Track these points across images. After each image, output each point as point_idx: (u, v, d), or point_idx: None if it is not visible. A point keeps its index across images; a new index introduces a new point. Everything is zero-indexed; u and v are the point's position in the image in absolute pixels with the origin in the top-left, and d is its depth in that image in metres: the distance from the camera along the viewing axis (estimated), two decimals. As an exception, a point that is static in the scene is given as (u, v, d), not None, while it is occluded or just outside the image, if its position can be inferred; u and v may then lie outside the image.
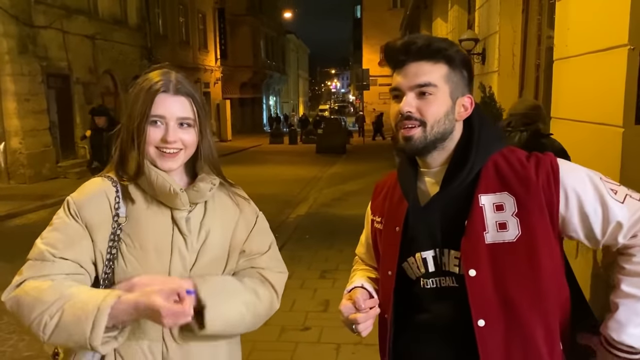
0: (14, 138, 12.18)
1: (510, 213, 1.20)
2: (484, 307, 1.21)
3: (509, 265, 1.20)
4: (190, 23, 25.09)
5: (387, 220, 1.40)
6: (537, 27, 5.38)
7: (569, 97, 3.62)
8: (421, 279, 1.31)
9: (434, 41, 1.25)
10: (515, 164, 1.24)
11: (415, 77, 1.24)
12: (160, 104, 1.34)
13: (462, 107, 1.28)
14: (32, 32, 12.62)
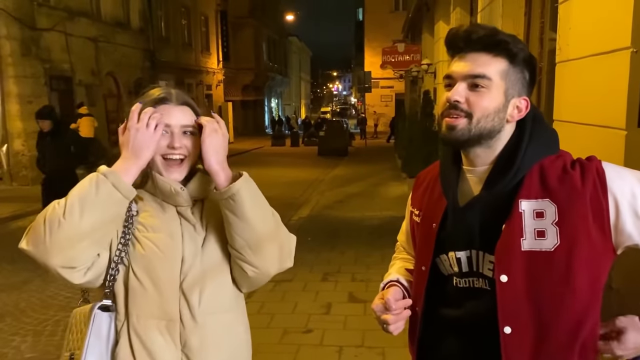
0: (17, 140, 12.21)
1: (550, 221, 1.16)
2: (512, 314, 1.18)
3: (544, 275, 1.16)
4: (193, 25, 25.14)
5: (425, 215, 1.38)
6: (540, 30, 5.37)
7: (571, 100, 3.61)
8: (454, 277, 1.30)
9: (498, 33, 1.20)
10: (560, 170, 1.20)
11: (471, 66, 1.19)
12: (165, 113, 1.40)
13: (515, 109, 1.22)
14: (35, 34, 12.67)
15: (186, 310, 1.39)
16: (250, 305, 4.77)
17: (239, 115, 32.67)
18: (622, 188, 1.16)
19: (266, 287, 5.28)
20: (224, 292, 1.46)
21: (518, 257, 1.17)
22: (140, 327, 1.36)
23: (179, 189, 1.41)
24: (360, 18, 45.14)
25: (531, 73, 1.24)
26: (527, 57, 1.22)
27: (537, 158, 1.21)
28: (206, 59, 26.89)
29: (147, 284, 1.36)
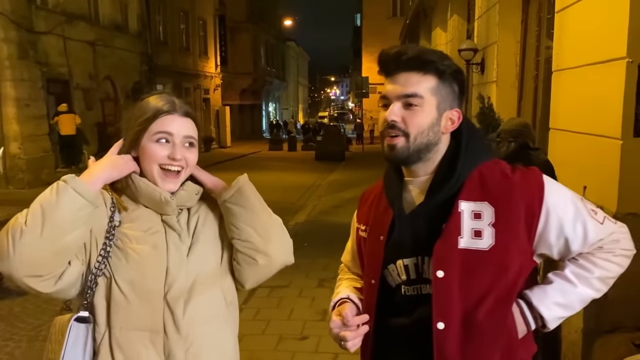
0: (13, 143, 12.18)
1: (487, 222, 1.22)
2: (446, 310, 1.23)
3: (479, 273, 1.22)
4: (191, 30, 25.16)
5: (372, 229, 1.42)
6: (536, 38, 5.40)
7: (567, 109, 3.63)
8: (402, 286, 1.32)
9: (425, 53, 1.26)
10: (500, 175, 1.27)
11: (403, 87, 1.26)
12: (168, 122, 1.40)
13: (449, 121, 1.29)
14: (32, 37, 12.65)
15: (170, 321, 1.36)
16: (246, 311, 4.75)
17: (237, 120, 32.68)
18: (557, 203, 1.24)
19: (262, 293, 5.26)
20: (211, 302, 1.44)
21: (455, 255, 1.22)
22: (123, 339, 1.33)
23: (169, 198, 1.39)
24: (358, 24, 45.27)
25: (460, 86, 1.31)
26: (454, 72, 1.28)
27: (476, 164, 1.28)
28: (204, 63, 26.91)
29: (131, 295, 1.34)
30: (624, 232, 1.34)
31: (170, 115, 1.40)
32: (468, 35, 8.96)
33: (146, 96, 1.46)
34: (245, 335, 4.23)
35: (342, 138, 23.09)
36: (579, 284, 1.28)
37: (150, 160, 1.38)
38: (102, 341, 1.34)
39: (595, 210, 1.29)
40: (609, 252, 1.29)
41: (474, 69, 7.31)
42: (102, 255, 1.33)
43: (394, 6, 33.68)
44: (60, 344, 1.32)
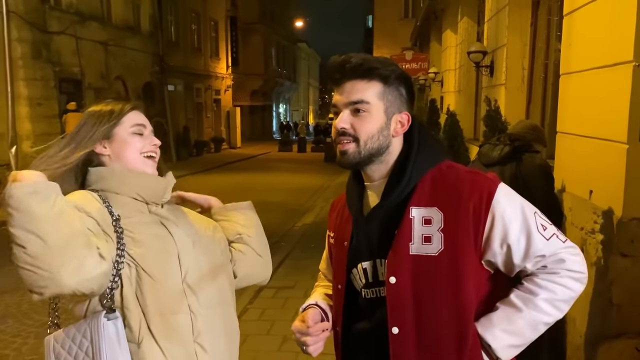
0: (26, 142, 12.30)
1: (436, 228, 1.24)
2: (400, 315, 1.25)
3: (429, 278, 1.23)
4: (203, 30, 25.29)
5: (337, 236, 1.46)
6: (545, 41, 5.37)
7: (574, 112, 3.61)
8: (362, 290, 1.35)
9: (367, 60, 1.29)
10: (451, 180, 1.28)
11: (349, 94, 1.29)
12: (137, 116, 1.53)
13: (398, 124, 1.31)
14: (45, 37, 12.79)
15: (194, 304, 1.41)
16: (251, 311, 4.77)
17: (247, 121, 32.79)
18: (504, 210, 1.24)
19: (267, 293, 5.28)
20: (220, 288, 1.51)
21: (406, 261, 1.24)
22: (161, 324, 1.35)
23: (171, 183, 1.51)
24: (369, 25, 45.23)
25: (407, 89, 1.33)
26: (399, 76, 1.30)
27: (428, 167, 1.30)
28: (215, 64, 27.04)
29: (158, 280, 1.36)
30: (572, 252, 1.30)
31: (135, 111, 1.53)
32: (478, 37, 8.93)
33: (92, 106, 1.58)
34: (250, 336, 4.24)
35: (351, 140, 23.06)
36: (524, 308, 1.25)
37: (134, 150, 1.48)
38: (141, 331, 1.33)
39: (545, 226, 1.27)
40: (553, 273, 1.26)
41: (483, 72, 7.28)
42: (120, 248, 1.34)
43: (406, 8, 33.54)
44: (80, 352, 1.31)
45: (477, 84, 8.93)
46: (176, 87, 21.22)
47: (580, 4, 3.42)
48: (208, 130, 25.25)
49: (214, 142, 24.73)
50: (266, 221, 7.52)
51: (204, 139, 23.86)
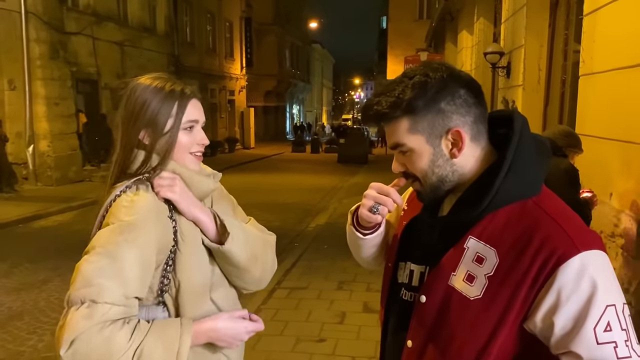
0: (43, 141, 12.46)
1: (485, 272, 1.09)
2: (417, 333, 1.19)
3: (455, 315, 1.13)
4: (217, 31, 25.43)
5: (406, 212, 1.37)
6: (564, 42, 5.30)
7: (594, 114, 3.55)
8: (403, 289, 1.28)
9: (383, 104, 1.13)
10: (527, 224, 1.08)
11: (388, 138, 1.20)
12: (193, 109, 1.38)
13: (451, 146, 1.14)
14: (63, 38, 12.94)
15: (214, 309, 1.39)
16: (264, 312, 4.77)
17: (261, 121, 32.90)
18: (566, 285, 1.02)
19: (281, 294, 5.27)
20: (230, 291, 1.48)
21: (441, 288, 1.15)
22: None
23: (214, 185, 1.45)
24: (384, 26, 45.13)
25: (450, 98, 1.12)
26: (428, 94, 1.11)
27: (510, 200, 1.11)
28: (230, 65, 27.15)
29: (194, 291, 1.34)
30: None
31: (193, 100, 1.39)
32: (495, 38, 8.85)
33: (144, 79, 1.39)
34: (263, 336, 4.23)
35: (365, 141, 23.05)
36: None
37: (184, 150, 1.37)
38: None
39: (612, 329, 1.01)
40: None
41: (499, 73, 7.20)
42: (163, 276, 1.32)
43: (420, 9, 33.40)
44: None
45: (493, 85, 8.85)
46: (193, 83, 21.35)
47: (602, 4, 3.37)
48: (222, 130, 25.37)
49: (228, 143, 24.84)
50: (280, 221, 7.64)
51: (218, 140, 23.97)
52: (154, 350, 1.19)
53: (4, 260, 6.44)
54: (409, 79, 1.14)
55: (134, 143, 1.35)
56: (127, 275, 1.20)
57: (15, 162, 11.77)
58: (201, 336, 1.30)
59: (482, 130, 1.16)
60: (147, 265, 1.25)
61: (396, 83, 1.15)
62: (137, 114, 1.34)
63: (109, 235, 1.22)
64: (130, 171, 1.35)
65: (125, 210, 1.26)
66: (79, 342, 1.12)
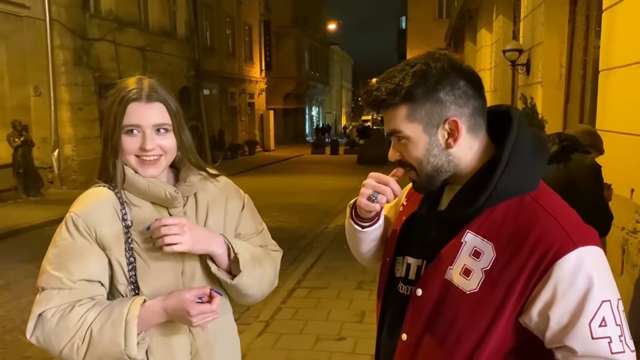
0: (67, 145, 12.73)
1: (481, 266, 1.09)
2: (413, 326, 1.19)
3: (452, 308, 1.13)
4: (237, 35, 25.63)
5: (405, 208, 1.37)
6: (584, 38, 5.23)
7: (614, 109, 3.51)
8: (400, 282, 1.28)
9: (383, 90, 1.14)
10: (524, 219, 1.08)
11: (385, 125, 1.21)
12: (135, 113, 1.34)
13: (447, 136, 1.13)
14: (86, 44, 13.21)
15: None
16: (284, 311, 4.80)
17: (280, 123, 33.04)
18: (562, 280, 1.03)
19: (300, 293, 5.31)
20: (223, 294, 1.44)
21: (438, 281, 1.15)
22: (154, 344, 1.35)
23: (174, 193, 1.37)
24: (403, 26, 44.94)
25: (449, 88, 1.11)
26: (428, 84, 1.11)
27: (509, 195, 1.10)
28: (249, 68, 27.35)
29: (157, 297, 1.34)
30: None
31: (137, 103, 1.34)
32: (514, 36, 8.76)
33: (122, 80, 1.41)
34: (283, 335, 4.27)
35: (384, 142, 22.97)
36: None
37: (126, 152, 1.36)
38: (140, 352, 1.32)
39: (607, 324, 1.02)
40: None
41: (519, 70, 7.14)
42: (130, 270, 1.33)
43: (440, 8, 33.21)
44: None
45: (513, 83, 8.77)
46: (211, 91, 21.56)
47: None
48: (242, 133, 25.56)
49: (248, 145, 25.01)
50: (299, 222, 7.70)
51: (239, 142, 24.16)
52: (104, 330, 1.26)
53: (32, 261, 6.60)
54: (410, 67, 1.14)
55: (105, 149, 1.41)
56: (70, 261, 1.30)
57: (41, 166, 12.04)
58: (150, 316, 1.29)
59: (481, 123, 1.16)
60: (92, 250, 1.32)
61: (397, 70, 1.15)
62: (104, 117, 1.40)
63: (59, 228, 1.35)
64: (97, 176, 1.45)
65: (76, 202, 1.39)
66: (37, 328, 1.28)
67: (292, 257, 6.80)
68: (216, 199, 1.49)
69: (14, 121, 11.17)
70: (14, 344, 4.33)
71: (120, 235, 1.34)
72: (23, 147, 11.15)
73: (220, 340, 1.46)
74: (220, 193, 1.51)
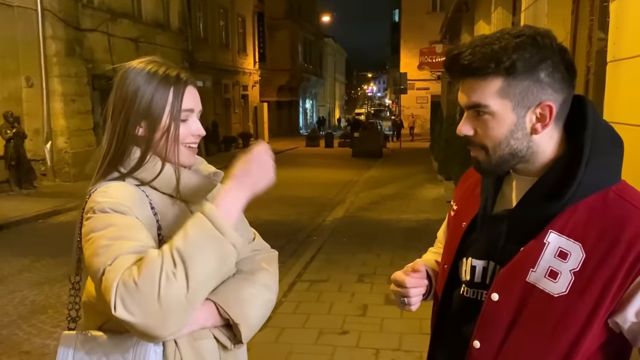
0: (60, 137, 12.58)
1: (569, 267, 1.03)
2: (487, 333, 1.12)
3: (535, 313, 1.07)
4: (230, 26, 25.44)
5: (459, 211, 1.31)
6: (589, 29, 5.19)
7: (624, 100, 3.46)
8: (464, 286, 1.22)
9: (482, 54, 1.03)
10: (614, 215, 1.02)
11: (467, 95, 1.08)
12: (190, 96, 1.25)
13: (536, 120, 1.05)
14: (79, 35, 13.03)
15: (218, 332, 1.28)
16: (286, 305, 4.75)
17: (274, 116, 32.92)
18: None
19: (301, 287, 5.26)
20: None
21: (519, 285, 1.08)
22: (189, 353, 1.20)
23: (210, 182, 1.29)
24: (396, 19, 44.86)
25: (551, 69, 1.02)
26: (531, 60, 1.02)
27: (593, 190, 1.04)
28: (243, 60, 27.17)
29: None
30: None
31: (189, 87, 1.25)
32: (513, 28, 8.70)
33: (136, 63, 1.25)
34: (286, 329, 4.22)
35: (379, 135, 22.97)
36: None
37: (178, 141, 1.24)
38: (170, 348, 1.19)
39: None
40: None
41: (519, 63, 7.09)
42: None
43: (434, 1, 33.17)
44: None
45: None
46: (205, 83, 21.39)
47: (632, -13, 3.28)
48: (236, 125, 25.42)
49: (242, 138, 24.88)
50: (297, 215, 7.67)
51: (232, 135, 24.02)
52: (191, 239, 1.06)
53: (25, 255, 6.51)
54: (512, 37, 1.03)
55: (129, 137, 1.22)
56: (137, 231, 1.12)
57: (33, 158, 11.90)
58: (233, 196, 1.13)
59: (565, 114, 1.09)
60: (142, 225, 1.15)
61: (495, 38, 1.04)
62: (129, 103, 1.21)
63: (94, 221, 1.14)
64: (124, 169, 1.23)
65: (102, 196, 1.17)
66: (121, 296, 1.02)
67: (291, 250, 6.74)
68: None
69: (6, 112, 11.00)
70: (11, 339, 4.26)
71: (153, 221, 1.20)
72: (15, 139, 11.00)
73: None
74: None
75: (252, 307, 1.26)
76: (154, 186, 1.24)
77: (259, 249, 1.44)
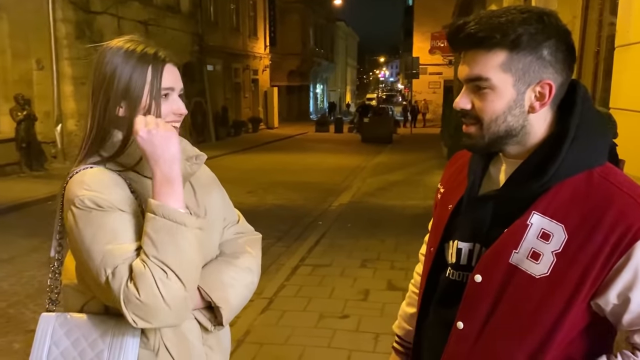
0: (70, 120, 12.66)
1: (552, 249, 1.04)
2: (470, 314, 1.13)
3: (518, 294, 1.07)
4: (241, 10, 25.27)
5: (445, 194, 1.31)
6: (599, 13, 5.09)
7: (631, 87, 3.41)
8: (449, 269, 1.23)
9: (487, 25, 1.03)
10: (597, 197, 1.03)
11: (468, 68, 1.08)
12: (169, 75, 1.23)
13: (534, 98, 1.06)
14: (88, 17, 13.03)
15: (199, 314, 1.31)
16: (288, 288, 4.78)
17: (284, 101, 32.83)
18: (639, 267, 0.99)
19: (304, 270, 5.28)
20: None
21: (501, 266, 1.09)
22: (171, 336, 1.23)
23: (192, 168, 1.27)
24: (409, 3, 44.32)
25: (554, 48, 1.03)
26: (536, 36, 1.02)
27: (577, 170, 1.05)
28: (253, 44, 27.03)
29: None
30: None
31: (168, 65, 1.24)
32: (524, 12, 8.56)
33: (114, 42, 1.23)
34: (287, 312, 4.26)
35: (390, 120, 22.85)
36: None
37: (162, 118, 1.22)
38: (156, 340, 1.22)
39: None
40: None
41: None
42: None
43: (447, -15, 32.70)
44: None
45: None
46: (215, 67, 21.35)
47: (641, -30, 3.20)
48: (246, 110, 25.39)
49: (251, 122, 24.88)
50: (303, 200, 7.67)
51: (242, 119, 24.02)
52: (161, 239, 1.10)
53: (35, 235, 6.59)
54: (519, 12, 1.03)
55: (109, 119, 1.21)
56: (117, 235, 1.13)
57: (44, 140, 11.99)
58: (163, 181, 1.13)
59: (560, 97, 1.09)
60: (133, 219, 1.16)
61: (502, 12, 1.04)
62: (108, 83, 1.20)
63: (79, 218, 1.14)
64: (106, 154, 1.22)
65: (79, 186, 1.17)
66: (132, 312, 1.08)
67: (296, 234, 6.77)
68: (209, 183, 1.40)
69: (17, 95, 11.08)
70: (18, 317, 4.33)
71: (132, 199, 1.19)
72: (26, 121, 11.09)
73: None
74: (210, 177, 1.42)
75: (233, 290, 1.30)
76: (136, 170, 1.24)
77: (242, 231, 1.45)
